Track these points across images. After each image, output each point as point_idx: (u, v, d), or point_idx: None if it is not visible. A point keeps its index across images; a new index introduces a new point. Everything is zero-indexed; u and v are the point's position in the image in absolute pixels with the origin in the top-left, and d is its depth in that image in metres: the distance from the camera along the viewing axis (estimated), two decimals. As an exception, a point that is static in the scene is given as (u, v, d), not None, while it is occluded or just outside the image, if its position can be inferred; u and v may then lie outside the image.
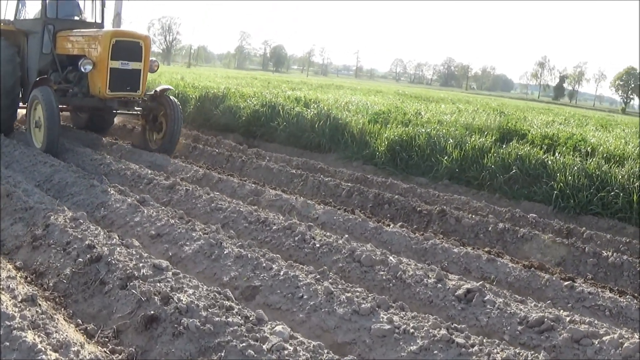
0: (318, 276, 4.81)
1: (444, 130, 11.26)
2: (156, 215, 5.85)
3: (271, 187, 8.20)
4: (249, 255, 5.01)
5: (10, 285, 3.91)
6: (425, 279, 5.07)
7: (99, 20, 10.88)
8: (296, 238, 5.90)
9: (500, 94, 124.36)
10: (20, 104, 10.40)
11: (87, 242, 4.77)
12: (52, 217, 5.36)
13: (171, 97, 10.28)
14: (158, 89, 10.29)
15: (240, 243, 5.39)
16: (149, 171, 7.94)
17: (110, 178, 7.70)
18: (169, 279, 4.33)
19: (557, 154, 10.10)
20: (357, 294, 4.55)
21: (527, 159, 9.80)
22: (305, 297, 4.46)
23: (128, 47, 9.19)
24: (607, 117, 27.96)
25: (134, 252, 4.72)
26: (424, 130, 11.14)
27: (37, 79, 9.42)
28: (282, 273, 4.71)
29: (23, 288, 3.99)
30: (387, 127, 11.69)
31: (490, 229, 7.21)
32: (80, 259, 4.55)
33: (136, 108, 10.09)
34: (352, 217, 6.94)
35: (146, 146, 10.29)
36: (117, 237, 5.10)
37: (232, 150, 10.83)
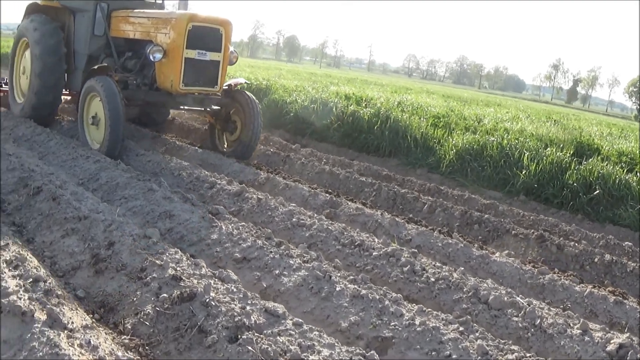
0: (461, 328, 3.89)
1: (515, 140, 10.42)
2: (238, 233, 4.89)
3: (346, 197, 7.27)
4: (369, 295, 4.08)
5: (74, 322, 2.99)
6: (568, 329, 4.21)
7: (159, 0, 9.76)
8: (404, 269, 4.98)
9: (513, 94, 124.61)
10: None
11: (170, 272, 3.81)
12: (115, 231, 4.40)
13: (247, 92, 8.90)
14: (232, 82, 8.86)
15: (352, 277, 4.45)
16: (207, 172, 6.97)
17: (162, 177, 6.76)
18: (291, 331, 3.40)
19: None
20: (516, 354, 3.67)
21: (609, 178, 9.08)
22: (454, 357, 3.56)
23: (206, 35, 7.83)
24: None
25: (234, 289, 3.77)
26: (494, 139, 10.28)
27: (96, 67, 8.00)
28: (417, 322, 3.80)
29: (97, 338, 3.06)
30: (451, 132, 10.87)
31: (596, 260, 6.35)
32: (165, 294, 3.60)
33: (214, 107, 8.62)
34: (451, 241, 6.02)
35: (215, 148, 9.08)
36: (205, 266, 4.13)
37: (284, 150, 9.89)
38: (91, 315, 3.58)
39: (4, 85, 11.18)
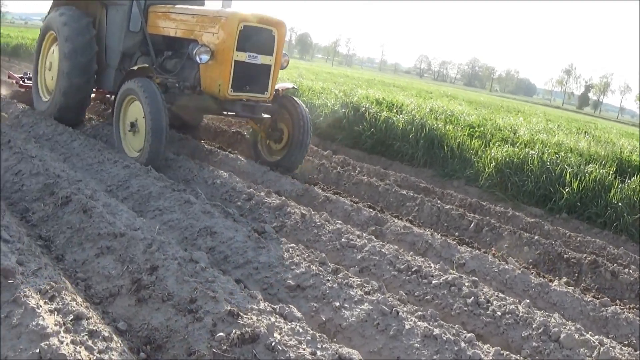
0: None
1: (555, 155, 10.00)
2: (289, 256, 4.46)
3: (390, 213, 6.84)
4: (442, 335, 3.65)
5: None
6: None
7: None
8: (468, 300, 4.55)
9: (524, 98, 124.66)
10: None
11: (225, 306, 3.38)
12: (156, 253, 3.97)
13: (296, 98, 8.27)
14: (279, 87, 8.13)
15: (420, 312, 4.03)
16: (242, 181, 6.56)
17: (195, 186, 6.34)
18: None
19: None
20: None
21: (656, 198, 8.56)
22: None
23: (258, 36, 7.22)
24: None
25: (300, 329, 3.34)
26: (534, 152, 9.86)
27: (135, 67, 7.33)
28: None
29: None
30: (488, 143, 10.44)
31: (653, 289, 5.95)
32: (222, 334, 3.17)
33: (264, 115, 7.87)
34: (508, 267, 5.60)
35: (258, 157, 8.46)
36: (262, 299, 3.70)
37: (316, 156, 9.46)
38: (137, 356, 3.15)
39: (26, 80, 10.70)
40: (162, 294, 3.58)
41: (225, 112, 7.73)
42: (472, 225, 7.03)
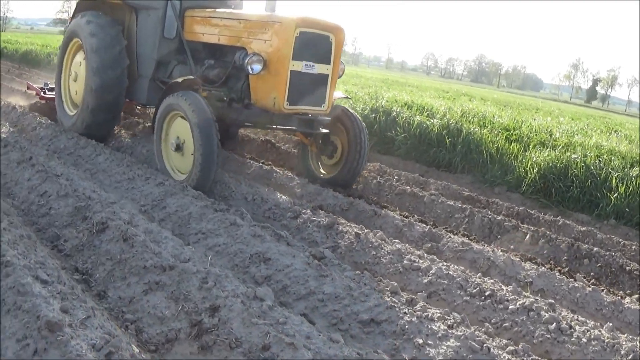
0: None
1: (597, 159, 9.55)
2: (357, 286, 4.01)
3: (444, 227, 6.40)
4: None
5: None
6: None
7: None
8: (550, 327, 4.12)
9: (531, 93, 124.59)
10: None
11: (305, 354, 2.94)
12: (214, 289, 3.52)
13: (350, 109, 7.58)
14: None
15: (511, 347, 3.59)
16: (284, 197, 6.11)
17: (233, 203, 5.90)
18: None
19: None
20: None
21: None
22: None
23: (315, 43, 6.50)
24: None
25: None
26: (576, 156, 9.41)
27: (180, 79, 6.54)
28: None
29: None
30: (526, 147, 10.00)
31: None
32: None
33: (323, 130, 7.12)
34: (577, 284, 5.17)
35: (308, 173, 7.80)
36: (343, 340, 3.25)
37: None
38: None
39: (47, 91, 10.08)
40: (229, 340, 3.13)
41: (282, 128, 7.12)
42: (527, 237, 6.59)
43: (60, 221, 4.79)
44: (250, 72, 6.37)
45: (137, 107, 9.74)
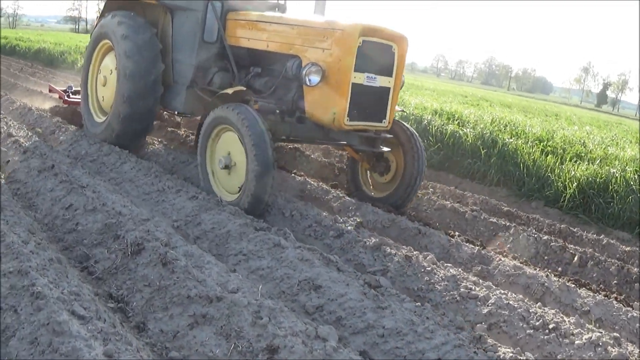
0: None
1: (636, 174, 9.18)
2: (420, 320, 3.65)
3: (493, 248, 6.07)
4: None
5: None
6: None
7: (281, 1, 8.10)
8: (620, 364, 3.79)
9: (541, 96, 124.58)
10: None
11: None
12: (269, 325, 3.15)
13: (405, 124, 7.01)
14: None
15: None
16: (323, 212, 5.76)
17: (270, 219, 5.55)
18: None
19: None
20: None
21: None
22: None
23: (377, 53, 5.96)
24: None
25: None
26: (614, 171, 9.05)
27: (230, 90, 6.00)
28: None
29: None
30: (562, 159, 9.63)
31: None
32: None
33: (384, 148, 6.62)
34: (635, 314, 4.80)
35: (358, 191, 7.25)
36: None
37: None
38: None
39: (71, 95, 9.62)
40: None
41: (341, 144, 6.69)
42: (575, 259, 6.23)
43: (89, 239, 4.45)
44: (308, 83, 5.81)
45: (165, 112, 9.28)
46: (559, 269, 6.09)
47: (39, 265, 3.40)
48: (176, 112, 8.06)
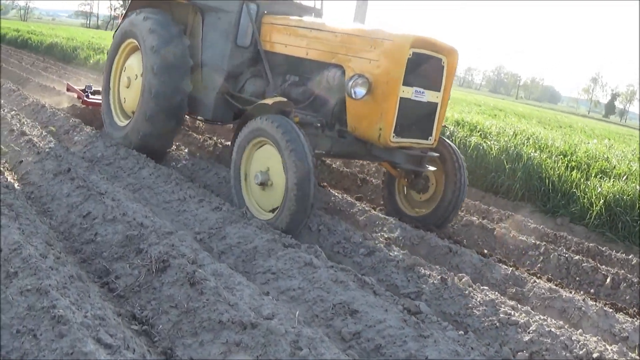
0: None
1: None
2: (464, 351, 3.42)
3: (527, 269, 5.81)
4: None
5: None
6: None
7: (317, 5, 7.64)
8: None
9: (549, 105, 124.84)
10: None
11: None
12: (310, 357, 2.93)
13: (448, 140, 6.69)
14: None
15: None
16: (350, 227, 5.51)
17: (298, 234, 5.30)
18: None
19: None
20: None
21: None
22: None
23: (426, 66, 5.58)
24: None
25: None
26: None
27: (269, 100, 5.55)
28: None
29: None
30: (587, 175, 9.37)
31: None
32: None
33: (430, 167, 6.17)
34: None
35: (393, 208, 6.81)
36: None
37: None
38: None
39: (90, 95, 9.22)
40: None
41: (384, 161, 6.31)
42: (607, 280, 5.99)
43: (110, 252, 4.21)
44: (353, 96, 5.37)
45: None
46: (591, 290, 5.86)
47: (59, 284, 3.16)
48: (203, 119, 7.67)
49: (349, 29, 5.91)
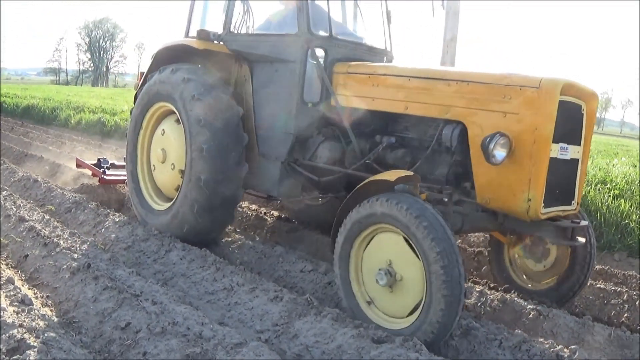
0: None
1: None
2: None
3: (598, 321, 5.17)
4: None
5: None
6: None
7: (387, 47, 6.58)
8: None
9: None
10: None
11: None
12: None
13: None
14: None
15: None
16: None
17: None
18: None
19: None
20: None
21: None
22: None
23: (567, 116, 4.52)
24: None
25: None
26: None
27: (393, 177, 4.30)
28: None
29: None
30: (633, 203, 8.78)
31: None
32: None
33: (580, 239, 4.88)
34: None
35: (504, 278, 5.71)
36: None
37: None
38: None
39: (106, 172, 8.19)
40: None
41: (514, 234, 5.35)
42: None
43: (167, 376, 3.40)
44: (492, 160, 4.31)
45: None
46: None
47: None
48: (265, 195, 6.69)
49: (466, 73, 4.85)
